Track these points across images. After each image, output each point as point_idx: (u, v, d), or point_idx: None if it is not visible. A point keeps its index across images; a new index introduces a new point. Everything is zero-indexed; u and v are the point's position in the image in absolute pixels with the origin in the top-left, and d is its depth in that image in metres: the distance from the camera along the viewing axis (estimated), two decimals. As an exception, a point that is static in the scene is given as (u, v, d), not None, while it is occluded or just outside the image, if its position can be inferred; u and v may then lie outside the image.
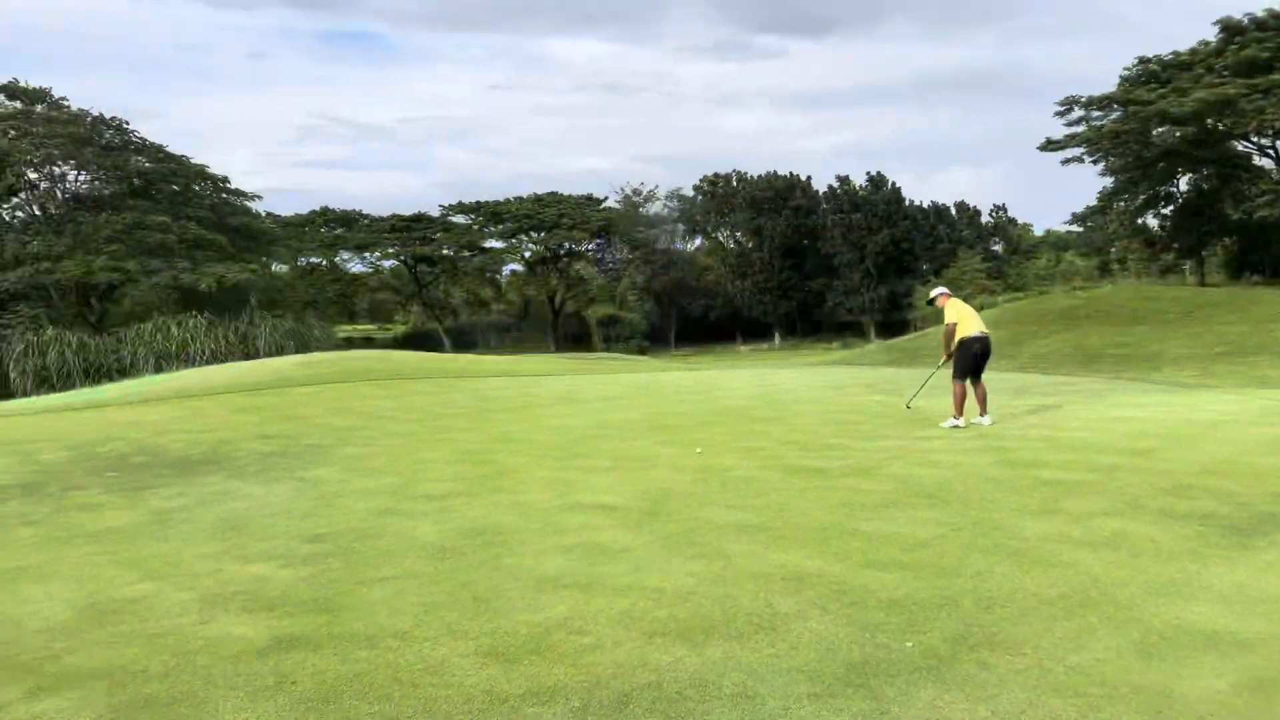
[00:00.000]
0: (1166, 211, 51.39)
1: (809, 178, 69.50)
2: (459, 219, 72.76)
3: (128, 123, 44.76)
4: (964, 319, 10.95)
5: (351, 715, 3.91)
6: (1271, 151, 45.12)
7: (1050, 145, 47.06)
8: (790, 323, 68.00)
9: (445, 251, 70.98)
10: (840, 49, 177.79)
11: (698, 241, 76.46)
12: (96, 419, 14.14)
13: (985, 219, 69.29)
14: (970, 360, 10.83)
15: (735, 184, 70.97)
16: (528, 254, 74.04)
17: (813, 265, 66.69)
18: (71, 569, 6.24)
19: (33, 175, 43.48)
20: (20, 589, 5.80)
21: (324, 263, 72.26)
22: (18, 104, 45.12)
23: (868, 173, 68.44)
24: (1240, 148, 46.01)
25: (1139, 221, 52.99)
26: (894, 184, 64.89)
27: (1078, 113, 45.76)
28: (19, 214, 45.48)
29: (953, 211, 67.17)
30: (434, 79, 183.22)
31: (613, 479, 8.55)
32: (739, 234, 71.56)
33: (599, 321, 68.13)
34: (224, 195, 47.93)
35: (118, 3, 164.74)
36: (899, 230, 62.56)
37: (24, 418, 15.19)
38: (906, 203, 64.63)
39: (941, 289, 11.69)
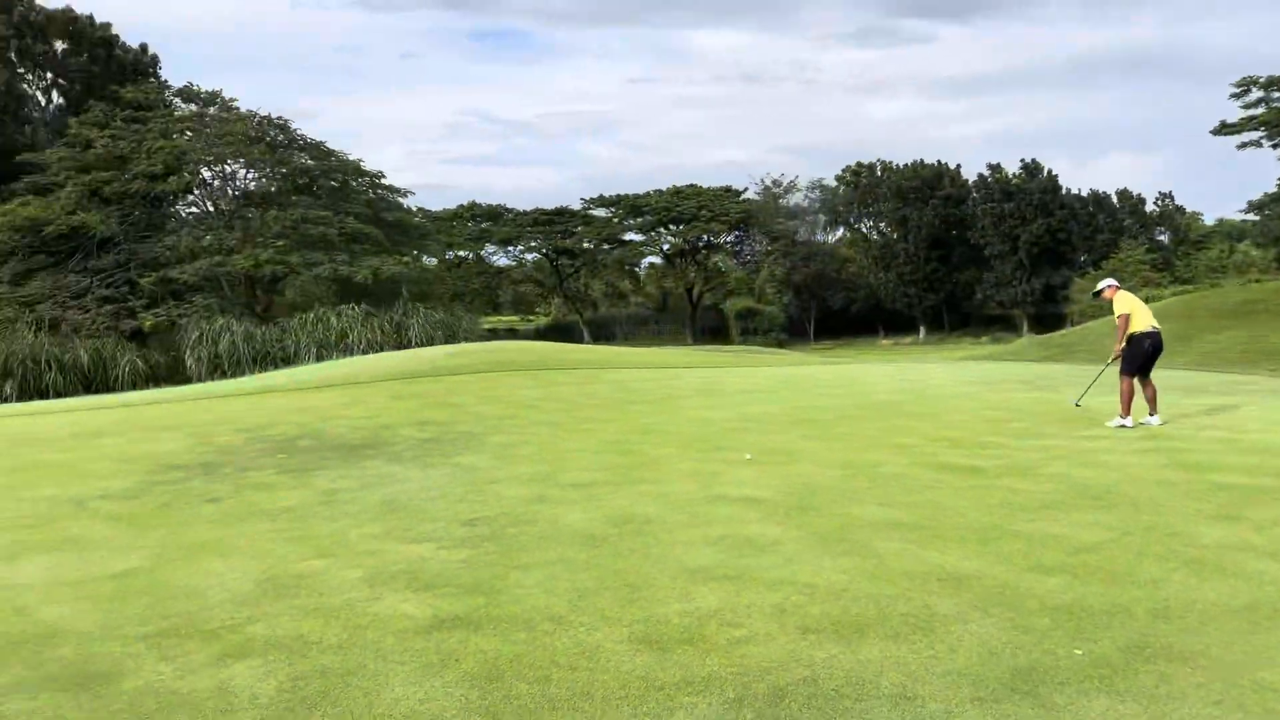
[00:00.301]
0: (1357, 197, 47.36)
1: (958, 166, 67.21)
2: (599, 212, 73.82)
3: (291, 122, 47.29)
4: (1135, 312, 10.37)
5: (513, 694, 4.02)
6: None
7: (1225, 129, 43.97)
8: (936, 316, 66.03)
9: (585, 244, 72.12)
10: (991, 32, 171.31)
11: (839, 233, 75.13)
12: (266, 404, 15.01)
13: (1150, 207, 65.48)
14: (1141, 357, 10.26)
15: (880, 173, 69.29)
16: (666, 246, 74.42)
17: (961, 256, 64.49)
18: (249, 544, 6.64)
19: (206, 174, 46.41)
20: (205, 562, 6.22)
21: (470, 256, 74.56)
22: (193, 107, 48.26)
23: (1021, 160, 65.68)
24: None
25: (1325, 209, 48.99)
26: (1049, 171, 62.00)
27: (1256, 94, 42.54)
28: (193, 210, 48.69)
29: (1113, 199, 63.75)
30: (576, 74, 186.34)
31: (757, 472, 8.50)
32: (883, 225, 69.90)
33: (737, 314, 67.79)
34: (379, 191, 50.00)
35: (282, 8, 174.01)
36: (1055, 220, 59.73)
37: (200, 401, 16.26)
38: (1063, 191, 61.68)
39: (1110, 280, 11.10)
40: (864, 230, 72.51)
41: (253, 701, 4.03)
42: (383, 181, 49.88)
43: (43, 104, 51.75)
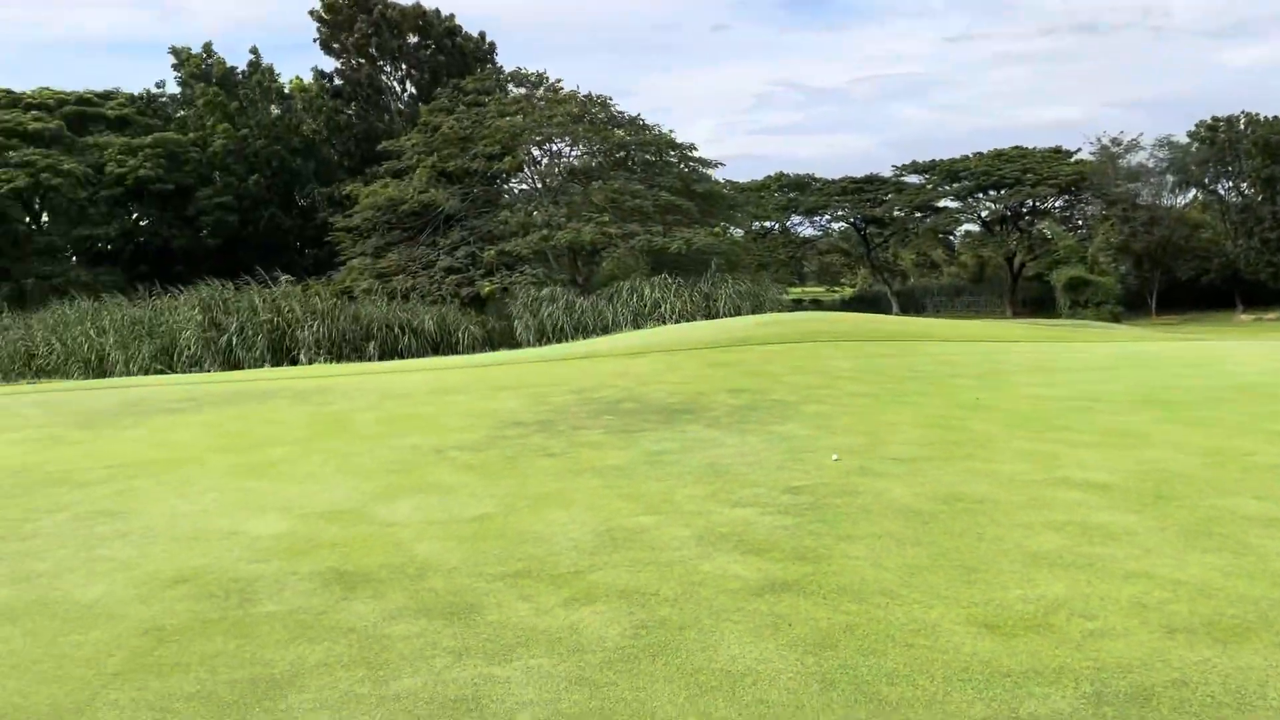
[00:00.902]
0: None
1: (1344, 114, 57.88)
2: (912, 179, 71.06)
3: (611, 99, 49.55)
4: None
5: (849, 664, 3.99)
6: None
7: None
8: (1309, 288, 57.53)
9: (896, 213, 69.77)
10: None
11: (1190, 195, 67.28)
12: (590, 368, 15.91)
13: None
14: None
15: (1242, 127, 61.12)
16: (985, 213, 70.31)
17: (1343, 219, 55.65)
18: (585, 498, 7.07)
19: (536, 152, 49.81)
20: (548, 512, 6.70)
21: (776, 226, 74.60)
22: (523, 90, 51.89)
23: None
24: None
25: None
26: None
27: None
28: (523, 186, 52.49)
29: None
30: (889, 36, 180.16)
31: (1102, 455, 7.83)
32: (1245, 185, 61.72)
33: (1065, 285, 62.77)
34: (690, 164, 51.21)
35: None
36: None
37: (534, 365, 17.54)
38: None
39: None
40: (1221, 192, 64.44)
41: (600, 644, 4.29)
42: (693, 154, 51.02)
43: (398, 93, 57.88)
